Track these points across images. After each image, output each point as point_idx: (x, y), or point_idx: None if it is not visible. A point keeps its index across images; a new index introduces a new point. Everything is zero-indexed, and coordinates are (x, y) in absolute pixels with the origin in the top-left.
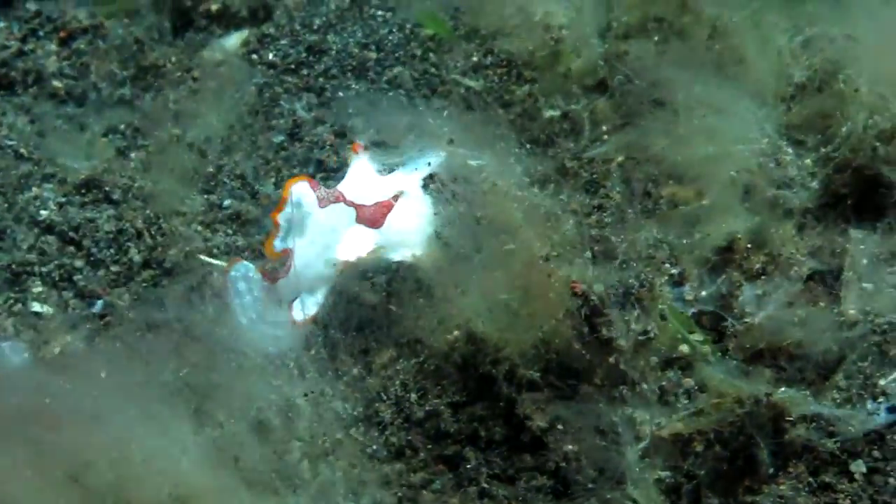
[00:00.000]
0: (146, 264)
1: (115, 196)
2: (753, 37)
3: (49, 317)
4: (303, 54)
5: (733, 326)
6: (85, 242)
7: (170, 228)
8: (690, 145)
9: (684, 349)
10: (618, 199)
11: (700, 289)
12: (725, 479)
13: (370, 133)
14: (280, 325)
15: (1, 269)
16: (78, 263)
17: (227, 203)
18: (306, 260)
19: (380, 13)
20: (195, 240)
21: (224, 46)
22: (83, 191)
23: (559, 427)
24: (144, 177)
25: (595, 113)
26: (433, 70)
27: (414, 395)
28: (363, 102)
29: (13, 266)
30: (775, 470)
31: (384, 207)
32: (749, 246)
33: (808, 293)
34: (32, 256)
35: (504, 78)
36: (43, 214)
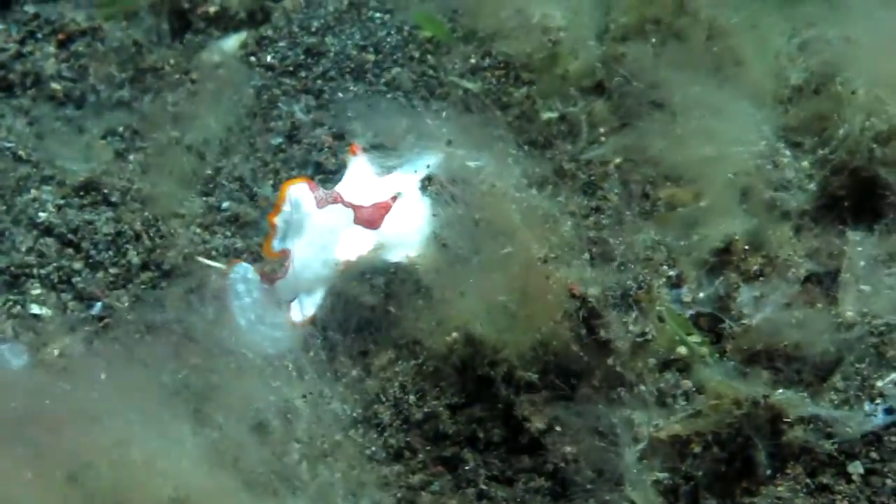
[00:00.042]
0: (145, 266)
1: (114, 198)
2: (751, 38)
3: (48, 319)
4: (301, 56)
5: (731, 328)
6: (84, 244)
7: (168, 230)
8: (688, 147)
9: (682, 351)
10: (615, 201)
11: (698, 290)
12: (723, 481)
13: (368, 135)
14: (279, 327)
15: (0, 272)
16: (77, 265)
17: (226, 205)
18: (304, 261)
19: (378, 15)
20: (194, 242)
21: (222, 49)
22: (82, 193)
23: (557, 428)
24: (143, 179)
25: (593, 115)
26: (431, 72)
27: (412, 397)
28: (361, 104)
29: (12, 268)
30: (773, 471)
31: (382, 208)
32: (747, 248)
33: (806, 295)
34: (31, 259)
35: (502, 80)
36: (42, 216)
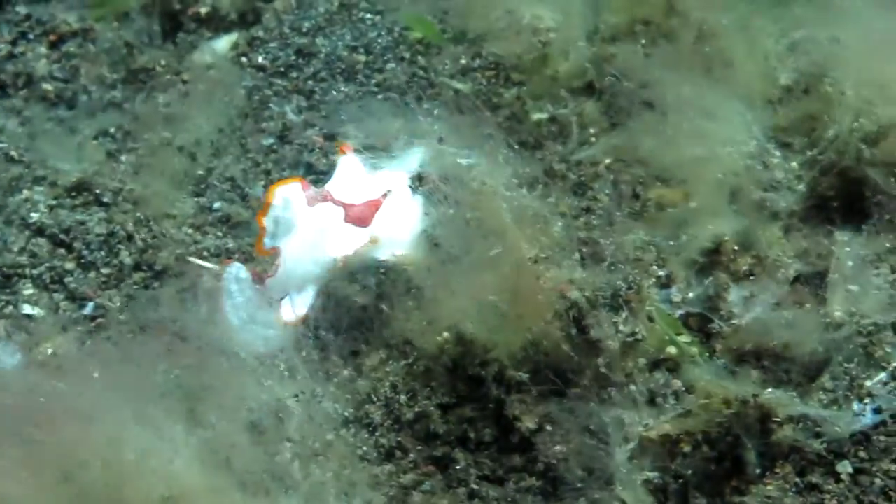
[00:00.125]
0: (137, 267)
1: (106, 199)
2: (741, 39)
3: (40, 319)
4: (292, 57)
5: (720, 328)
6: (76, 245)
7: (160, 231)
8: (678, 147)
9: (672, 351)
10: (606, 202)
11: (687, 290)
12: (713, 480)
13: (360, 136)
14: (271, 326)
15: None
16: (69, 266)
17: (218, 206)
18: (295, 259)
19: (368, 16)
20: (186, 242)
21: (214, 49)
22: (74, 193)
23: (548, 428)
24: (135, 179)
25: (583, 116)
26: (422, 73)
27: (404, 397)
28: (352, 105)
29: (4, 268)
30: (762, 470)
31: (372, 206)
32: (736, 248)
33: (795, 295)
34: (23, 259)
35: (492, 81)
36: (34, 217)
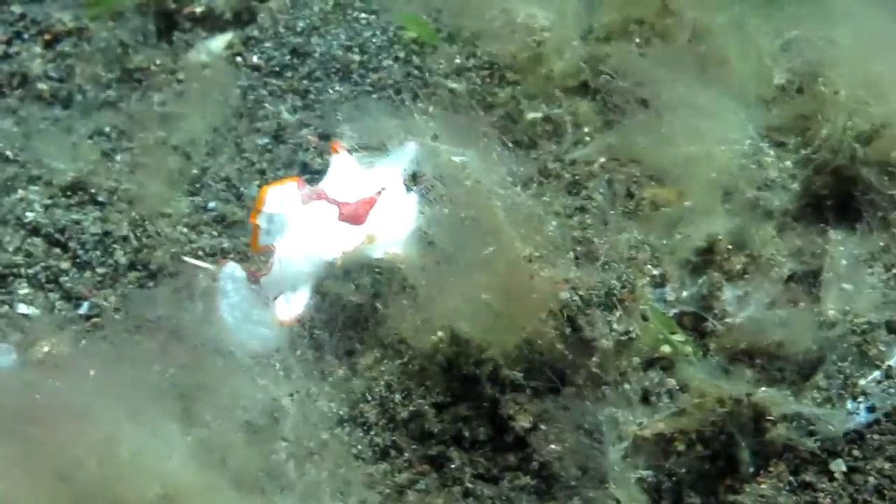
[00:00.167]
0: (132, 266)
1: (101, 198)
2: (735, 39)
3: (36, 318)
4: (287, 57)
5: (714, 327)
6: (71, 244)
7: (155, 230)
8: (672, 147)
9: (666, 349)
10: (600, 201)
11: (681, 289)
12: (707, 479)
13: (354, 135)
14: (266, 325)
15: None
16: (64, 265)
17: (213, 205)
18: (289, 258)
19: (363, 16)
20: (181, 242)
21: (209, 49)
22: (69, 193)
23: (542, 427)
24: (130, 179)
25: (577, 115)
26: (417, 72)
27: (398, 396)
28: (347, 105)
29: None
30: (756, 469)
31: (367, 204)
32: (730, 247)
33: (789, 294)
34: (19, 258)
35: (487, 80)
36: (29, 216)
